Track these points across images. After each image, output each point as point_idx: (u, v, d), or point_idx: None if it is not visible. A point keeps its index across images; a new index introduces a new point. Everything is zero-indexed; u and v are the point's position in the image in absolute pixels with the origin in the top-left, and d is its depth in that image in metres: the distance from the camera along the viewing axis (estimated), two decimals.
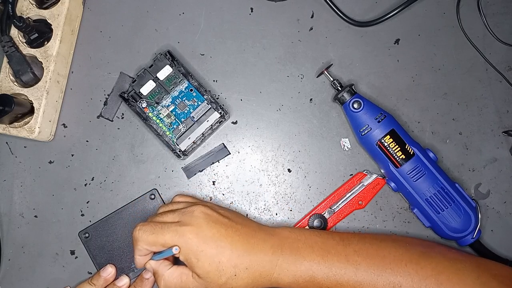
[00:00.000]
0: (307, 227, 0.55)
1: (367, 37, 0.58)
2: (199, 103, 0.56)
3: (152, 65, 0.55)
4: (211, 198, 0.56)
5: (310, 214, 0.55)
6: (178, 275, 0.47)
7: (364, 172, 0.55)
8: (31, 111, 0.54)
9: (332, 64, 0.57)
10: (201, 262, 0.45)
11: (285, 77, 0.57)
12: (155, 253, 0.48)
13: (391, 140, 0.52)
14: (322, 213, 0.55)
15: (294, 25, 0.58)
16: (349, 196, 0.55)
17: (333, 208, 0.55)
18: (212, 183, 0.57)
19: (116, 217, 0.56)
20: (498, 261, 0.53)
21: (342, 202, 0.55)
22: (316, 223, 0.54)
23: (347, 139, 0.57)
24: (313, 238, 0.48)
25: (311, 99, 0.57)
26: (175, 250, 0.45)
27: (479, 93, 0.57)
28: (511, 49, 0.57)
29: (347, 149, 0.57)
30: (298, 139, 0.57)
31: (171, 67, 0.55)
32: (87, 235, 0.55)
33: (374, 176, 0.55)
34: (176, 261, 0.49)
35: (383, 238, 0.50)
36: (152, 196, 0.56)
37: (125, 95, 0.55)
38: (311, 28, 0.58)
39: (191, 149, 0.55)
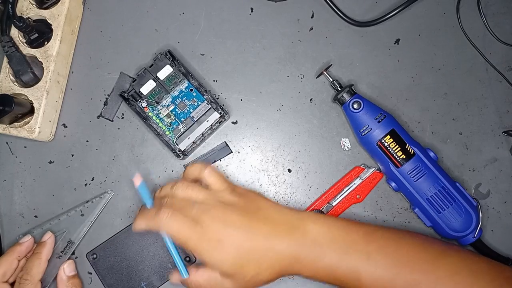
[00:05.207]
0: None
1: (367, 37, 0.58)
2: (199, 103, 0.56)
3: (152, 65, 0.55)
4: None
5: (309, 210, 0.55)
6: (207, 278, 0.47)
7: (361, 166, 0.55)
8: (31, 111, 0.54)
9: (331, 64, 0.57)
10: (226, 265, 0.45)
11: (285, 77, 0.57)
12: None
13: (391, 140, 0.52)
14: (321, 208, 0.55)
15: (294, 25, 0.58)
16: (347, 190, 0.55)
17: (331, 203, 0.55)
18: None
19: (123, 236, 0.55)
20: (500, 259, 0.53)
21: (340, 196, 0.55)
22: None
23: (347, 139, 0.57)
24: (336, 231, 0.47)
25: (311, 99, 0.57)
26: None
27: (479, 93, 0.57)
28: (511, 49, 0.57)
29: (347, 149, 0.56)
30: (298, 139, 0.57)
31: (171, 66, 0.55)
32: (95, 256, 0.55)
33: (372, 170, 0.55)
34: None
35: (403, 234, 0.50)
36: None
37: (125, 94, 0.55)
38: (311, 28, 0.58)
39: (190, 149, 0.55)
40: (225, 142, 0.57)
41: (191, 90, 0.56)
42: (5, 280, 0.51)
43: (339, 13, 0.56)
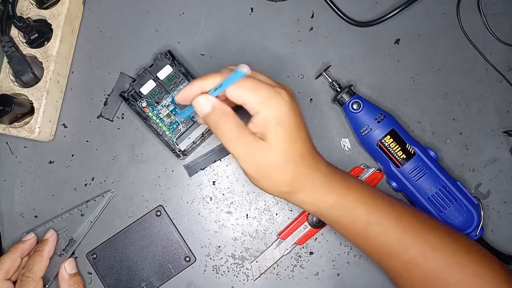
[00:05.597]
0: (306, 222, 0.54)
1: (367, 37, 0.58)
2: None
3: (152, 65, 0.55)
4: (211, 198, 0.56)
5: None
6: (242, 124, 0.42)
7: (361, 167, 0.55)
8: (31, 111, 0.54)
9: (330, 65, 0.57)
10: (282, 128, 0.41)
11: (285, 77, 0.57)
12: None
13: (392, 140, 0.52)
14: None
15: (294, 25, 0.58)
16: None
17: None
18: (212, 183, 0.57)
19: (123, 236, 0.56)
20: (502, 257, 0.54)
21: None
22: (315, 218, 0.54)
23: (347, 139, 0.57)
24: (359, 179, 0.49)
25: (311, 99, 0.57)
26: (247, 70, 0.39)
27: (479, 93, 0.57)
28: (511, 49, 0.57)
29: (347, 149, 0.56)
30: None
31: (172, 66, 0.55)
32: (95, 256, 0.55)
33: (372, 170, 0.55)
34: None
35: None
36: (158, 213, 0.56)
37: (125, 94, 0.55)
38: (311, 28, 0.58)
39: (190, 149, 0.55)
40: None
41: None
42: (8, 278, 0.51)
43: (339, 13, 0.56)
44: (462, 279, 0.45)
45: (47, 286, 0.53)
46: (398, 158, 0.52)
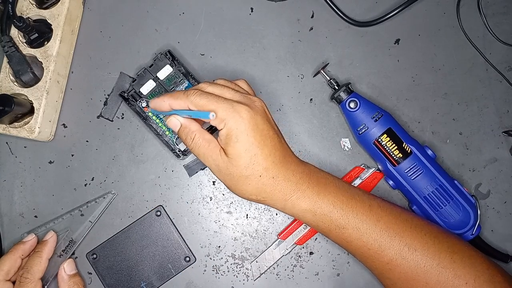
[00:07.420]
0: None
1: (367, 37, 0.58)
2: None
3: (152, 65, 0.55)
4: (211, 198, 0.56)
5: None
6: (208, 140, 0.46)
7: (361, 167, 0.55)
8: (31, 111, 0.54)
9: (328, 63, 0.57)
10: (239, 144, 0.43)
11: (285, 77, 0.57)
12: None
13: (388, 139, 0.52)
14: None
15: (294, 25, 0.58)
16: None
17: None
18: (212, 183, 0.57)
19: (123, 236, 0.56)
20: (499, 256, 0.54)
21: None
22: None
23: (347, 139, 0.57)
24: (340, 182, 0.49)
25: (311, 99, 0.57)
26: (211, 116, 0.42)
27: (479, 93, 0.57)
28: (511, 49, 0.57)
29: (347, 149, 0.56)
30: (298, 139, 0.57)
31: (171, 66, 0.55)
32: (94, 256, 0.55)
33: (372, 170, 0.55)
34: None
35: (404, 208, 0.51)
36: (158, 213, 0.56)
37: (125, 94, 0.55)
38: (311, 28, 0.58)
39: None
40: None
41: None
42: (8, 279, 0.51)
43: (339, 13, 0.56)
44: (441, 280, 0.46)
45: (45, 287, 0.53)
46: (395, 157, 0.52)
